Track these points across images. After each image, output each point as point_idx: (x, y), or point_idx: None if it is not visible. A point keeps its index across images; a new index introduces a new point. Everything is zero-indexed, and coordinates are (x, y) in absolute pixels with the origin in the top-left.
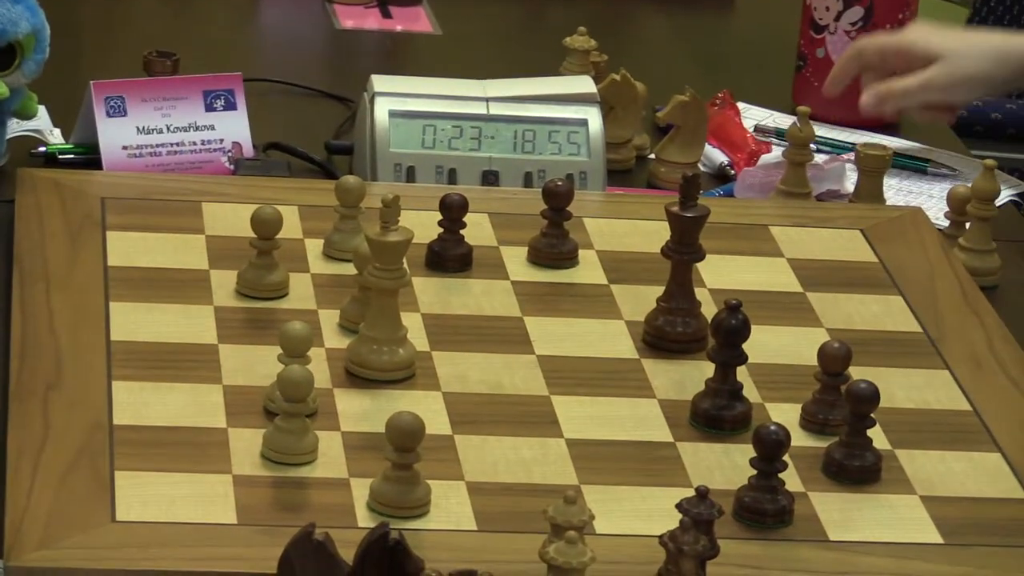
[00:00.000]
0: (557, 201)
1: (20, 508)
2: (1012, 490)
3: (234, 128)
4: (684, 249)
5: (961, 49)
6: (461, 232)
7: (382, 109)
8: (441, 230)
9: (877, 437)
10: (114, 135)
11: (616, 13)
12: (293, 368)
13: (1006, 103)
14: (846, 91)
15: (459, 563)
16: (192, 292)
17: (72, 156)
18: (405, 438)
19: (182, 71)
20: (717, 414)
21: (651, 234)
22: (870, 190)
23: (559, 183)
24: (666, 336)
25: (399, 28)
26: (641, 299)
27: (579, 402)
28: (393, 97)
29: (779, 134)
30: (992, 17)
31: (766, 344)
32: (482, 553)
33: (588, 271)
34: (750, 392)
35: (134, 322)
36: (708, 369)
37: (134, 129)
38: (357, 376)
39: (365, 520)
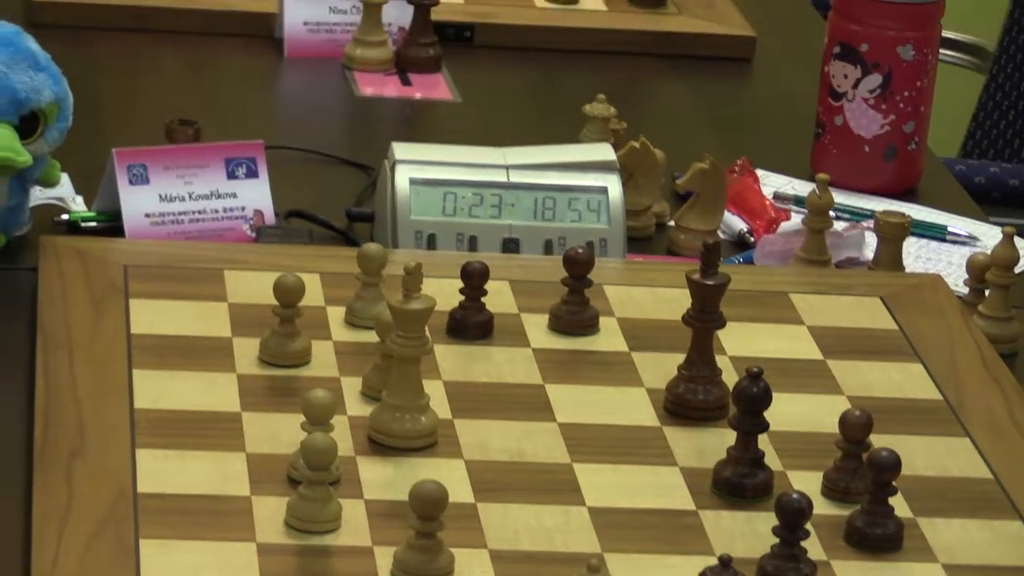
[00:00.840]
0: (577, 269)
1: (46, 572)
2: None
3: (256, 196)
4: (705, 317)
5: None
6: (482, 300)
7: (403, 177)
8: (462, 298)
9: (899, 505)
10: (136, 203)
11: (634, 80)
12: (316, 436)
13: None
14: (864, 160)
15: None
16: (215, 360)
17: (95, 224)
18: (428, 506)
19: (204, 139)
20: (739, 482)
21: (671, 301)
22: (889, 257)
23: (579, 251)
24: (687, 404)
25: (418, 95)
26: (662, 366)
27: (601, 470)
28: (414, 165)
29: (798, 201)
30: (1008, 84)
31: (787, 412)
32: None
33: (609, 339)
34: (772, 460)
35: (157, 390)
36: (730, 437)
37: (156, 197)
38: (380, 444)
39: None
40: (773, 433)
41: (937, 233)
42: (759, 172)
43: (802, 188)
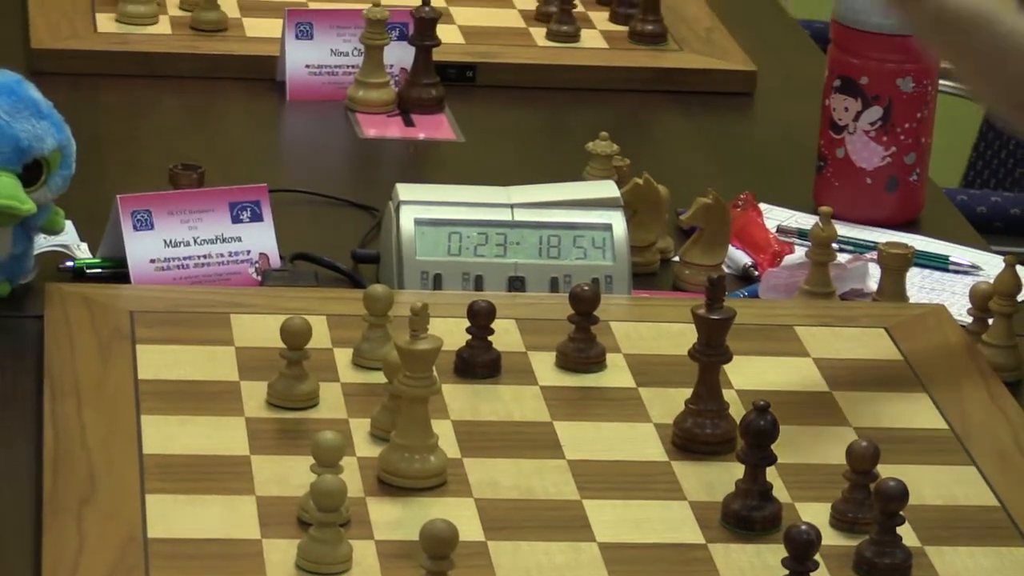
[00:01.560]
0: (583, 306)
1: None
2: None
3: (261, 239)
4: (711, 351)
5: None
6: (489, 339)
7: (408, 217)
8: (469, 337)
9: (907, 534)
10: (141, 249)
11: (636, 117)
12: (326, 478)
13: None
14: (866, 192)
15: None
16: (223, 404)
17: (100, 270)
18: (439, 546)
19: (207, 183)
20: (748, 515)
21: (677, 336)
22: (893, 288)
23: (585, 288)
24: (695, 438)
25: (422, 136)
26: (669, 401)
27: (611, 506)
28: (418, 205)
29: (801, 234)
30: None
31: (795, 444)
32: None
33: (616, 375)
34: (780, 492)
35: (166, 435)
36: (738, 470)
37: (161, 242)
38: (389, 484)
39: None
40: (781, 465)
41: (940, 263)
42: (762, 206)
43: (805, 221)
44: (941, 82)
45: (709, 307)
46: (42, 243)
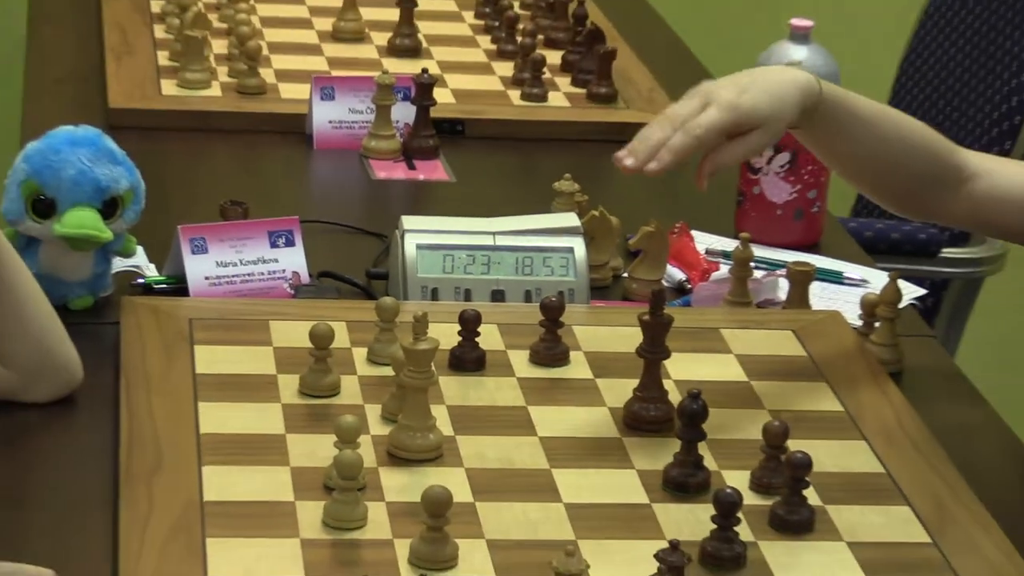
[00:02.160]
0: (552, 313)
1: (130, 569)
2: (919, 535)
3: (293, 260)
4: (654, 350)
5: (775, 116)
6: (476, 340)
7: (411, 243)
8: (460, 339)
9: (811, 496)
10: (198, 268)
11: (593, 161)
12: (346, 452)
13: (903, 225)
14: (776, 223)
15: None
16: (263, 392)
17: (165, 286)
18: (437, 506)
19: (251, 216)
20: (684, 480)
21: (627, 338)
22: (798, 298)
23: (553, 299)
24: (641, 419)
25: (422, 177)
26: (620, 390)
27: (574, 473)
28: (419, 233)
29: (725, 255)
30: None
31: (720, 424)
32: None
33: (578, 368)
34: (709, 462)
35: (218, 418)
36: (675, 445)
37: (214, 263)
38: (397, 457)
39: (407, 573)
40: (710, 441)
41: (836, 278)
42: (694, 233)
43: (728, 244)
44: None
45: (652, 314)
46: (118, 264)
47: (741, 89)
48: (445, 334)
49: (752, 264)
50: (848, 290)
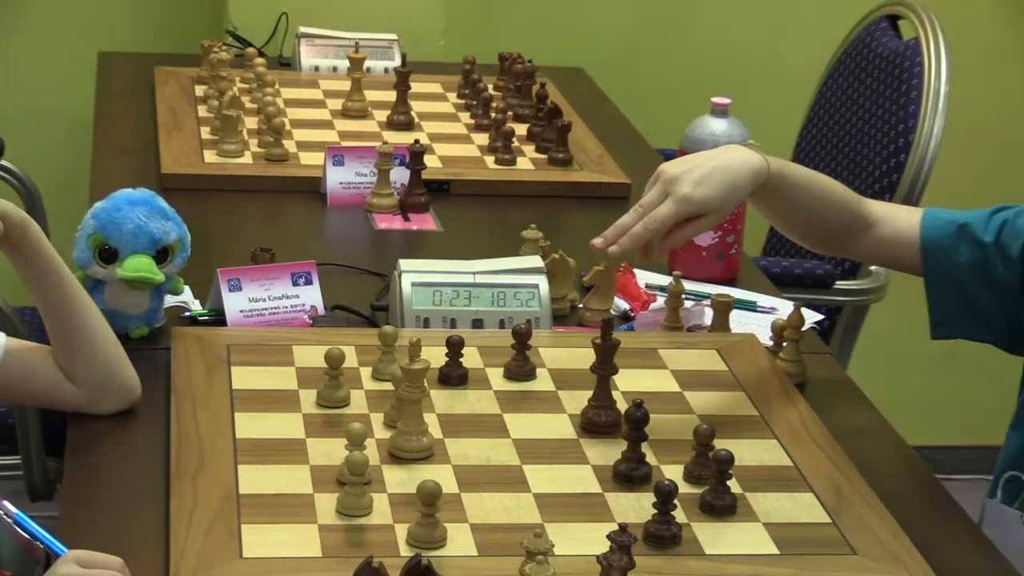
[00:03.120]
0: (521, 338)
1: (180, 551)
2: (821, 517)
3: (311, 296)
4: (604, 367)
5: (726, 203)
6: (460, 360)
7: (407, 281)
8: (447, 359)
9: (734, 485)
10: (234, 303)
11: (554, 213)
12: (355, 454)
13: (804, 263)
14: (702, 262)
15: None
16: (287, 404)
17: (207, 318)
18: (429, 497)
19: (277, 260)
20: (630, 474)
21: (583, 357)
22: (721, 324)
23: (522, 326)
24: (595, 424)
25: (415, 227)
26: (577, 400)
27: (540, 468)
28: (414, 273)
29: (662, 289)
30: None
31: (659, 427)
32: (481, 571)
33: (543, 382)
34: (651, 458)
35: (251, 426)
36: (622, 445)
37: (247, 299)
38: (396, 457)
39: (405, 552)
40: (651, 441)
41: (751, 307)
42: (636, 271)
43: (664, 280)
44: None
45: (603, 338)
46: (169, 300)
47: (697, 182)
48: (435, 356)
49: (683, 296)
50: (761, 316)
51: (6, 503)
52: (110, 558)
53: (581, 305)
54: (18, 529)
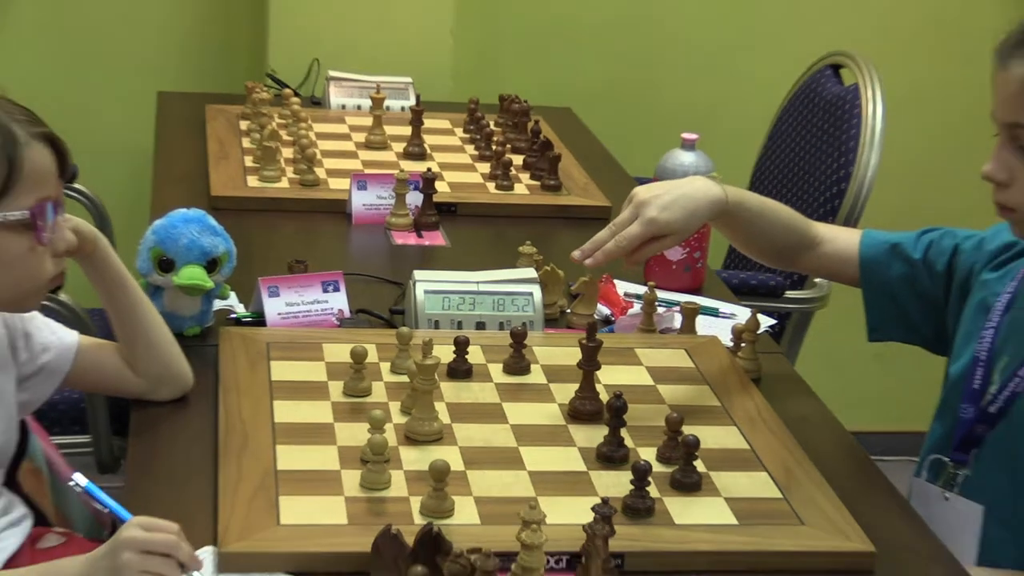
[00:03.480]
0: (518, 338)
1: (226, 518)
2: (774, 493)
3: (339, 301)
4: (589, 364)
5: (687, 226)
6: (466, 357)
7: (420, 289)
8: (454, 356)
9: (700, 465)
10: (273, 307)
11: (546, 232)
12: (376, 436)
13: (759, 275)
14: (672, 274)
15: (471, 544)
16: (318, 394)
17: (250, 319)
18: (439, 474)
19: (309, 270)
20: (610, 455)
21: (570, 355)
22: (688, 327)
23: (519, 328)
24: (581, 412)
25: (427, 243)
26: (566, 391)
27: (534, 450)
28: (426, 282)
29: (638, 297)
30: None
31: (636, 415)
32: (484, 538)
33: (536, 376)
34: (629, 442)
35: (287, 412)
36: (604, 430)
37: (284, 303)
38: (411, 439)
39: (419, 520)
40: (629, 427)
41: (714, 313)
42: (616, 281)
43: (640, 289)
44: None
45: (588, 339)
46: (217, 304)
47: (664, 207)
48: (444, 353)
49: (656, 303)
50: (722, 321)
51: (78, 475)
52: (168, 524)
53: (569, 311)
54: (88, 498)
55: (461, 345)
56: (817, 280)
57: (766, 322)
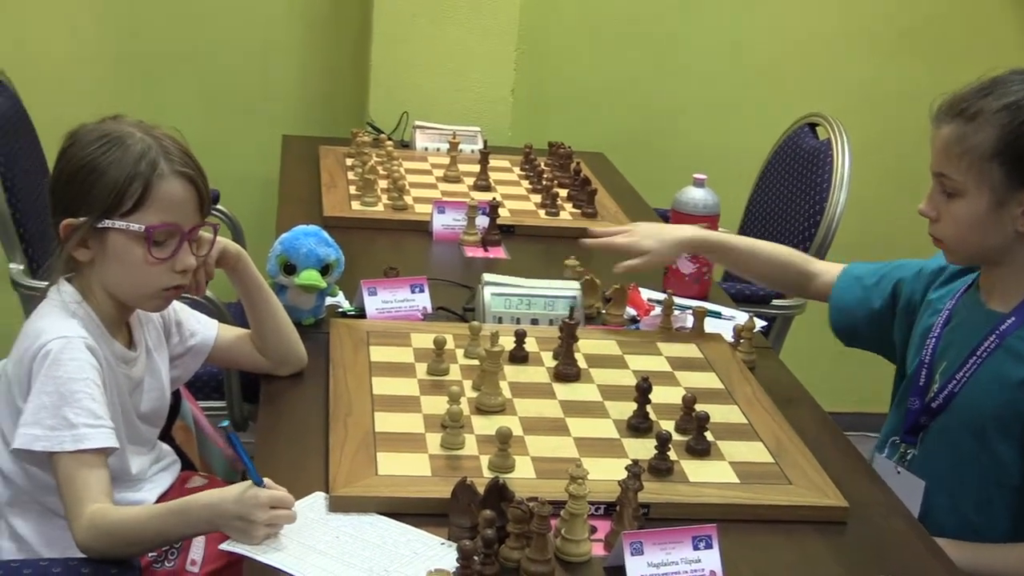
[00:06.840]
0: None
1: (336, 469)
2: (768, 459)
3: (423, 300)
4: (570, 338)
5: (658, 255)
6: (523, 346)
7: (488, 292)
8: (515, 345)
9: (709, 436)
10: (372, 304)
11: (587, 251)
12: (453, 407)
13: (752, 286)
14: (685, 284)
15: (529, 493)
16: (408, 373)
17: (353, 313)
18: (503, 438)
19: (400, 275)
20: (638, 426)
21: (606, 346)
22: (699, 326)
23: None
24: (562, 375)
25: (492, 256)
26: (604, 376)
27: (578, 421)
28: (492, 286)
29: (659, 302)
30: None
31: (658, 394)
32: (539, 489)
33: (580, 362)
34: (653, 416)
35: (383, 386)
36: (633, 406)
37: (381, 300)
38: (481, 411)
39: (487, 474)
40: (653, 404)
41: (717, 316)
42: (641, 289)
43: (660, 296)
44: None
45: (570, 317)
46: (328, 300)
47: (646, 235)
48: (507, 342)
49: (673, 307)
50: (725, 322)
51: (226, 423)
52: (285, 498)
53: (604, 311)
54: (228, 445)
55: (520, 336)
56: None
57: (760, 323)
